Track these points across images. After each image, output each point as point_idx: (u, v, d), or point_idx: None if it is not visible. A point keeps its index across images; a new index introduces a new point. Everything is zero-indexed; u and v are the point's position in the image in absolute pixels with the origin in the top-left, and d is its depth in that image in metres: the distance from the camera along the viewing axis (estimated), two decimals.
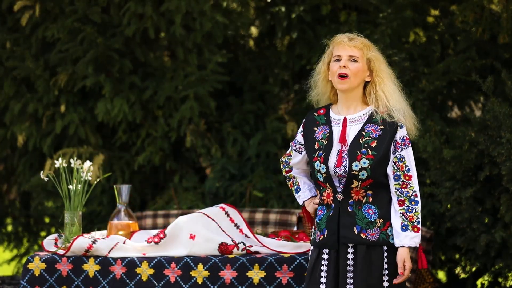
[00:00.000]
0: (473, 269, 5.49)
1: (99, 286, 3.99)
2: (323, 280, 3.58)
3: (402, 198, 3.55)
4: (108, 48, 5.94)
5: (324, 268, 3.59)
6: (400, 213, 3.54)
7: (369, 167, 3.52)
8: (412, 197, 3.56)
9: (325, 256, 3.60)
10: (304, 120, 3.76)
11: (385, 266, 3.56)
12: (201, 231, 4.05)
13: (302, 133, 3.74)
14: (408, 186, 3.56)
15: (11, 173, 6.79)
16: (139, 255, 4.04)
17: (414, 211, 3.55)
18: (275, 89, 6.35)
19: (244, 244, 4.03)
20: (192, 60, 5.99)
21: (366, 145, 3.55)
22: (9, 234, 6.96)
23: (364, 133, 3.58)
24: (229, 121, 6.25)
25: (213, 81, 5.99)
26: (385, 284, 3.55)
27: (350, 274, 3.55)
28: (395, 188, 3.56)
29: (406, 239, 3.53)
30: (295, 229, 5.10)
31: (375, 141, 3.56)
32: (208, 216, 4.13)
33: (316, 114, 3.71)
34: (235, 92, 6.40)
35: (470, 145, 4.97)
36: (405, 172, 3.56)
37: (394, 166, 3.57)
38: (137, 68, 6.17)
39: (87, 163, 4.28)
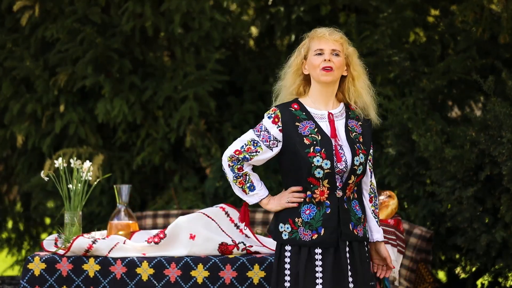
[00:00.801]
0: (473, 269, 5.49)
1: (100, 286, 3.98)
2: (319, 280, 3.51)
3: (372, 195, 3.67)
4: (107, 48, 5.94)
5: (319, 268, 3.52)
6: (372, 210, 3.66)
7: (364, 162, 3.56)
8: (376, 194, 3.69)
9: (319, 257, 3.53)
10: (276, 115, 3.58)
11: (368, 260, 3.63)
12: (201, 231, 4.04)
13: (279, 128, 3.57)
14: (373, 183, 3.69)
15: (11, 173, 6.79)
16: (139, 255, 4.03)
17: (378, 208, 3.71)
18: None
19: (244, 244, 4.02)
20: (189, 59, 5.98)
21: (357, 140, 3.57)
22: (9, 238, 6.95)
23: (350, 129, 3.59)
24: (229, 121, 6.24)
25: (212, 81, 5.99)
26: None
27: (349, 273, 3.53)
28: (370, 186, 3.66)
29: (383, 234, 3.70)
30: None
31: (361, 136, 3.60)
32: (208, 216, 4.12)
33: (293, 109, 3.60)
34: (235, 92, 6.39)
35: (471, 144, 4.97)
36: (372, 170, 3.69)
37: (369, 163, 3.65)
38: (137, 68, 6.16)
39: (87, 163, 4.27)
